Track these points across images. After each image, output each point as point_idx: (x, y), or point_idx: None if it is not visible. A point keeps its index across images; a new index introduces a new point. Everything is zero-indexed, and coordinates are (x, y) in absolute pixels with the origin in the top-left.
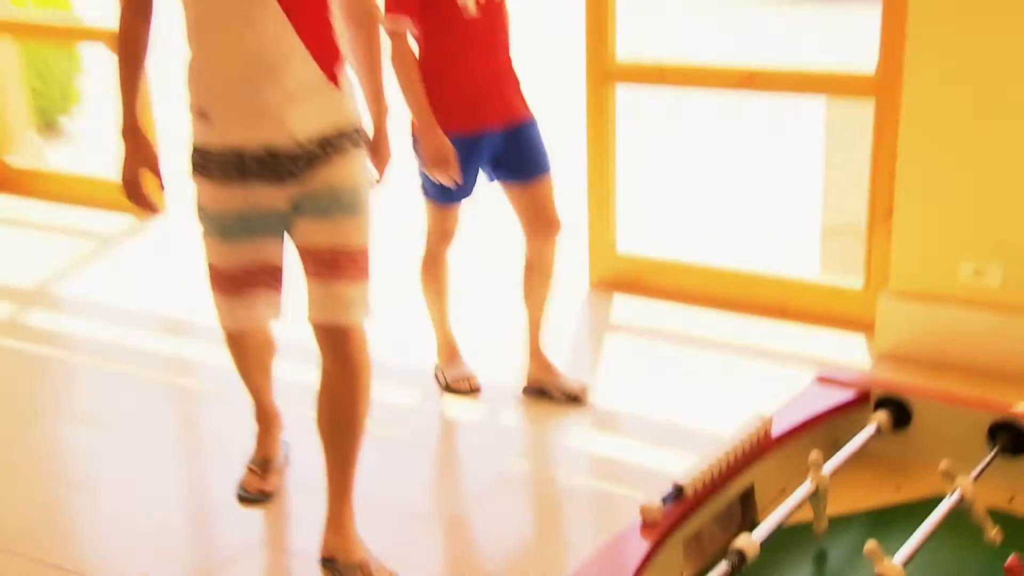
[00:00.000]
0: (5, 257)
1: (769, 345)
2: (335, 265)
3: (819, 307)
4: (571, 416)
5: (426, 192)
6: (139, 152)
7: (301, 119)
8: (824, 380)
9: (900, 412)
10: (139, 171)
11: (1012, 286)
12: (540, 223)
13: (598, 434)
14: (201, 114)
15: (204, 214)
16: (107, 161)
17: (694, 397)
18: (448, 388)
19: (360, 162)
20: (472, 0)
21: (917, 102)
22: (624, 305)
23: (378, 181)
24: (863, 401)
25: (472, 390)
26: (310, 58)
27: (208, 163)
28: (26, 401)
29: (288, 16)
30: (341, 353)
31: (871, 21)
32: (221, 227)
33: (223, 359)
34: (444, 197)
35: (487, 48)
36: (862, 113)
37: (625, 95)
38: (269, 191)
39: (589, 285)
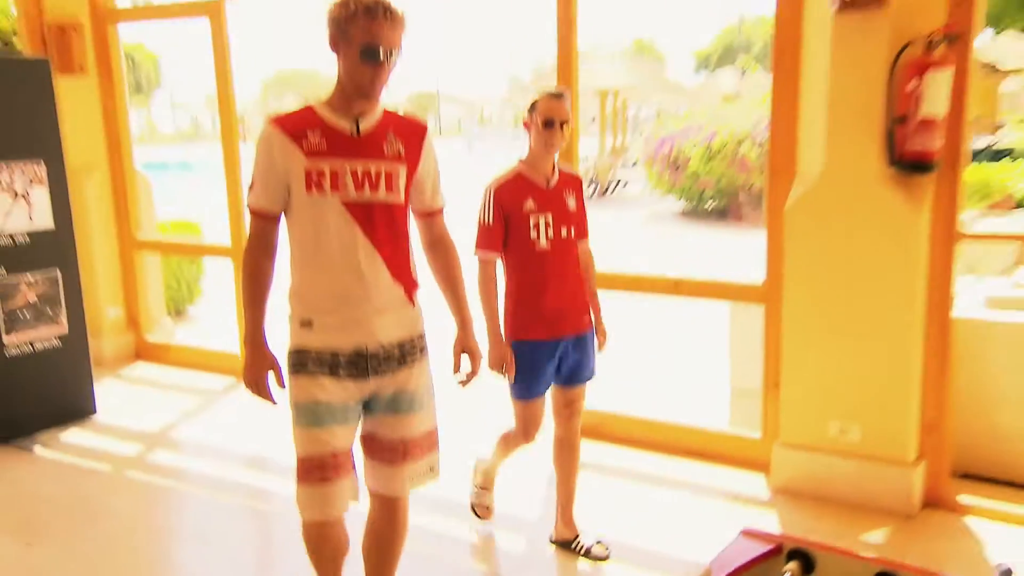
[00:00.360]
0: (140, 408)
1: (694, 480)
2: (405, 453)
3: (728, 452)
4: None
5: (511, 392)
6: (264, 360)
7: (385, 328)
8: (748, 534)
9: (807, 562)
10: (263, 375)
11: (869, 441)
12: (569, 410)
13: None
14: (304, 323)
15: (299, 406)
16: (220, 339)
17: (647, 523)
18: (473, 508)
19: (427, 365)
20: (544, 237)
21: (794, 305)
22: (589, 447)
23: (470, 375)
24: (778, 552)
25: (487, 515)
26: (393, 282)
27: (306, 362)
28: (146, 521)
29: (378, 251)
30: (391, 512)
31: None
32: (314, 416)
33: (290, 488)
34: (523, 395)
35: (558, 273)
36: (757, 310)
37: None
38: (355, 385)
39: None
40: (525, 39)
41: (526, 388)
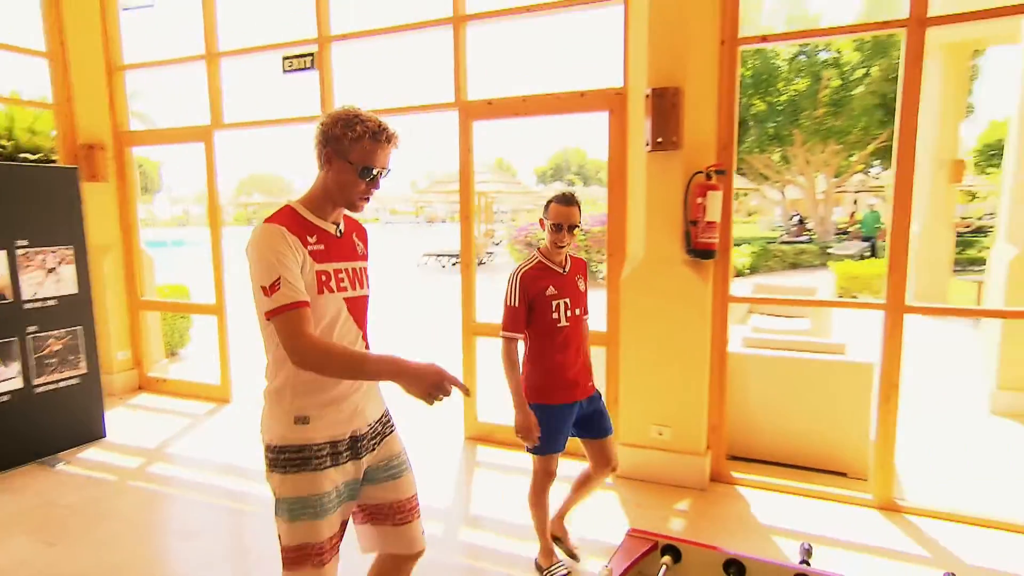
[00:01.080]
0: (142, 430)
1: (564, 473)
2: (412, 509)
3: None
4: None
5: (532, 449)
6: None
7: (370, 408)
8: (633, 534)
9: (676, 554)
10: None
11: (676, 439)
12: (604, 465)
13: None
14: (300, 420)
15: (302, 501)
16: (204, 374)
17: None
18: (546, 572)
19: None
20: (564, 318)
21: (627, 346)
22: (484, 451)
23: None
24: (655, 548)
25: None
26: None
27: (310, 458)
28: (146, 520)
29: (364, 340)
30: (409, 566)
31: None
32: (319, 508)
33: (260, 491)
34: (547, 450)
35: (575, 346)
36: (601, 350)
37: (483, 343)
38: (354, 466)
39: (464, 439)
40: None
41: (550, 445)
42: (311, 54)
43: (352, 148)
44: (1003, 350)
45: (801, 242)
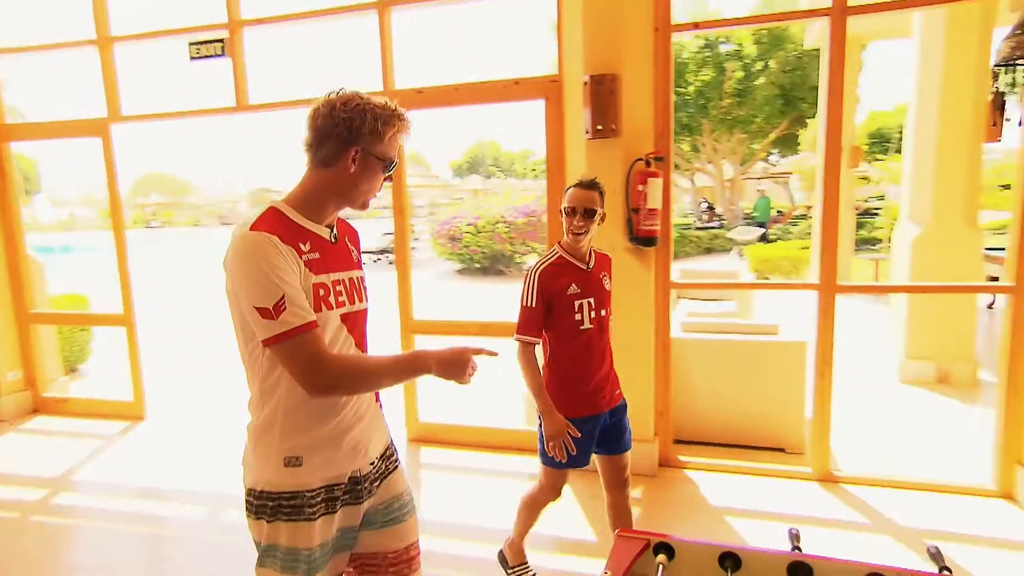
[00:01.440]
0: (41, 457)
1: (502, 468)
2: (414, 559)
3: (526, 444)
4: None
5: (545, 460)
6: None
7: (374, 443)
8: (623, 534)
9: (670, 551)
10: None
11: None
12: (621, 478)
13: None
14: (290, 461)
15: (292, 555)
16: (112, 390)
17: (473, 502)
18: (512, 571)
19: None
20: (587, 320)
21: None
22: (428, 452)
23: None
24: (647, 547)
25: None
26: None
27: (302, 506)
28: (52, 560)
29: None
30: None
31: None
32: (311, 561)
33: (184, 512)
34: (563, 464)
35: (600, 351)
36: None
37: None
38: (352, 512)
39: (407, 440)
40: None
41: (568, 460)
42: (221, 40)
43: (382, 143)
44: (910, 323)
45: (712, 227)
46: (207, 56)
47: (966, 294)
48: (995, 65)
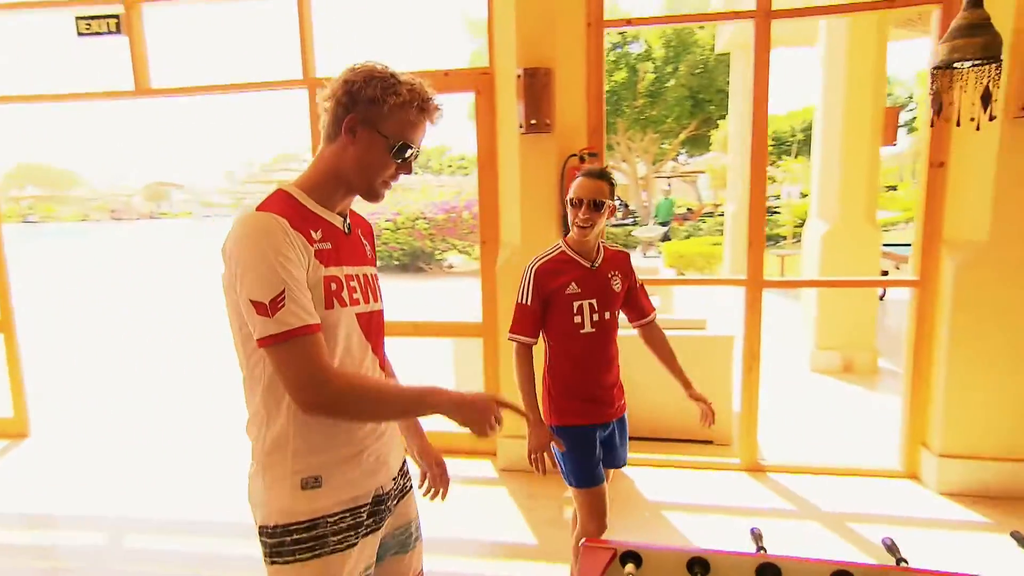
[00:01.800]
0: None
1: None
2: None
3: (465, 446)
4: None
5: (568, 479)
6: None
7: (394, 455)
8: (589, 544)
9: (637, 560)
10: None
11: None
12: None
13: None
14: (308, 483)
15: None
16: None
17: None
18: None
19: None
20: (588, 322)
21: (506, 336)
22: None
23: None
24: (614, 556)
25: None
26: None
27: (323, 536)
28: None
29: (382, 368)
30: None
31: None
32: None
33: (82, 540)
34: (586, 482)
35: (605, 357)
36: (476, 341)
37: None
38: (375, 537)
39: None
40: (240, 139)
41: (588, 475)
42: (116, 16)
43: (390, 117)
44: (819, 315)
45: (627, 224)
46: (98, 33)
47: (868, 288)
48: (934, 68)
